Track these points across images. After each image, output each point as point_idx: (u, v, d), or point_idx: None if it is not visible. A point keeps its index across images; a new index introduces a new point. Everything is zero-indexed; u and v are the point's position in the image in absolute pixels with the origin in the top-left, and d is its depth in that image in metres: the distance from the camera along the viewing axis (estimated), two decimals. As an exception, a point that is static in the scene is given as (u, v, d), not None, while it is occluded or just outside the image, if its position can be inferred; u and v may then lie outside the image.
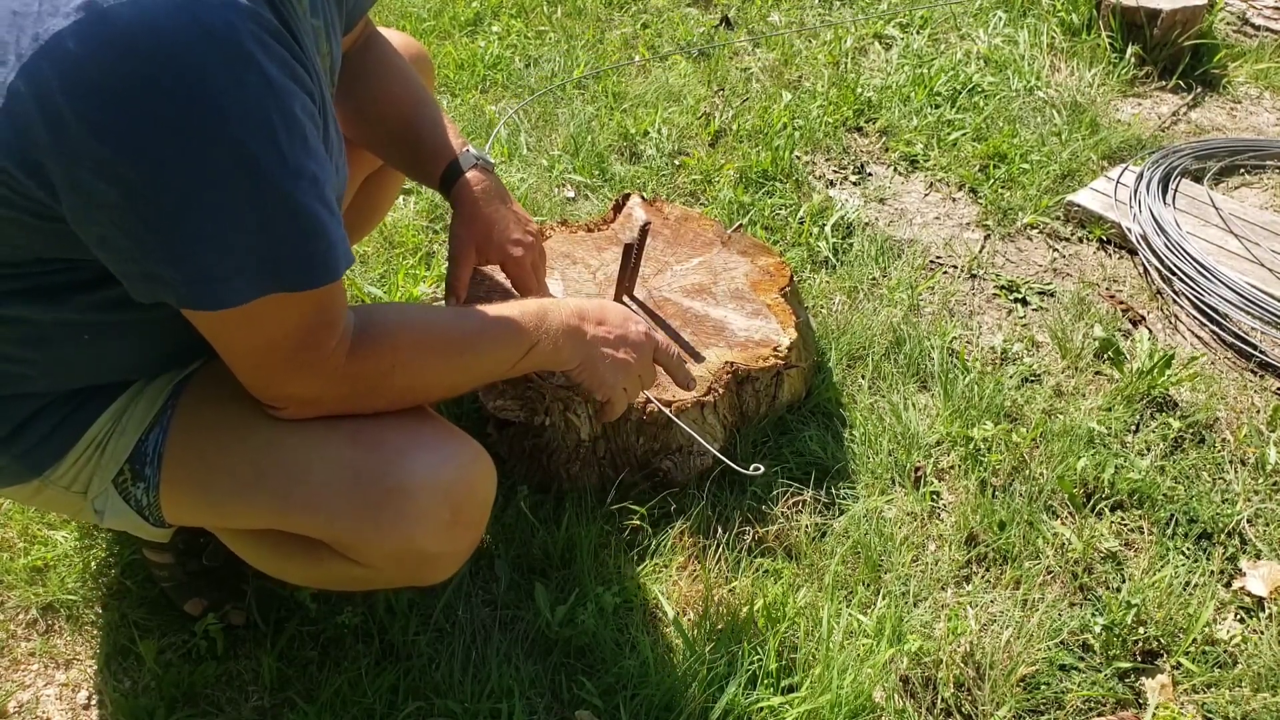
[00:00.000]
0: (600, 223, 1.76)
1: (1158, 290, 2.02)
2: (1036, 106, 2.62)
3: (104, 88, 0.72)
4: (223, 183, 0.76)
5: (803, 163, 2.39)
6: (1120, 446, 1.62)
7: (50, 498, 1.04)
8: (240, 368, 0.92)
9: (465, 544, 1.07)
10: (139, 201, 0.75)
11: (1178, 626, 1.34)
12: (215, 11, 0.73)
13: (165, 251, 0.78)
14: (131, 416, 1.02)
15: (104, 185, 0.75)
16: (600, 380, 1.17)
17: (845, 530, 1.45)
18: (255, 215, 0.79)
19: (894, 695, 1.25)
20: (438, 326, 1.05)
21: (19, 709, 1.23)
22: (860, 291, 1.95)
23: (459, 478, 1.02)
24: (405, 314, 1.05)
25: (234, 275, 0.80)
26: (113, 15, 0.71)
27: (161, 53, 0.72)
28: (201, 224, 0.77)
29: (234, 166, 0.76)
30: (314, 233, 0.83)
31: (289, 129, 0.79)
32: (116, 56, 0.71)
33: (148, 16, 0.71)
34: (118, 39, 0.71)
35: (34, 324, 0.91)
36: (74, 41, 0.71)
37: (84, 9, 0.71)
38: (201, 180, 0.76)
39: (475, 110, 2.59)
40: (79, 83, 0.72)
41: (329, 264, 0.85)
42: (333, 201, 0.86)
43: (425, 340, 1.02)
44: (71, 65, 0.71)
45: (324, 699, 1.21)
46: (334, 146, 0.96)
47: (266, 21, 0.77)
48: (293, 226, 0.81)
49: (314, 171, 0.82)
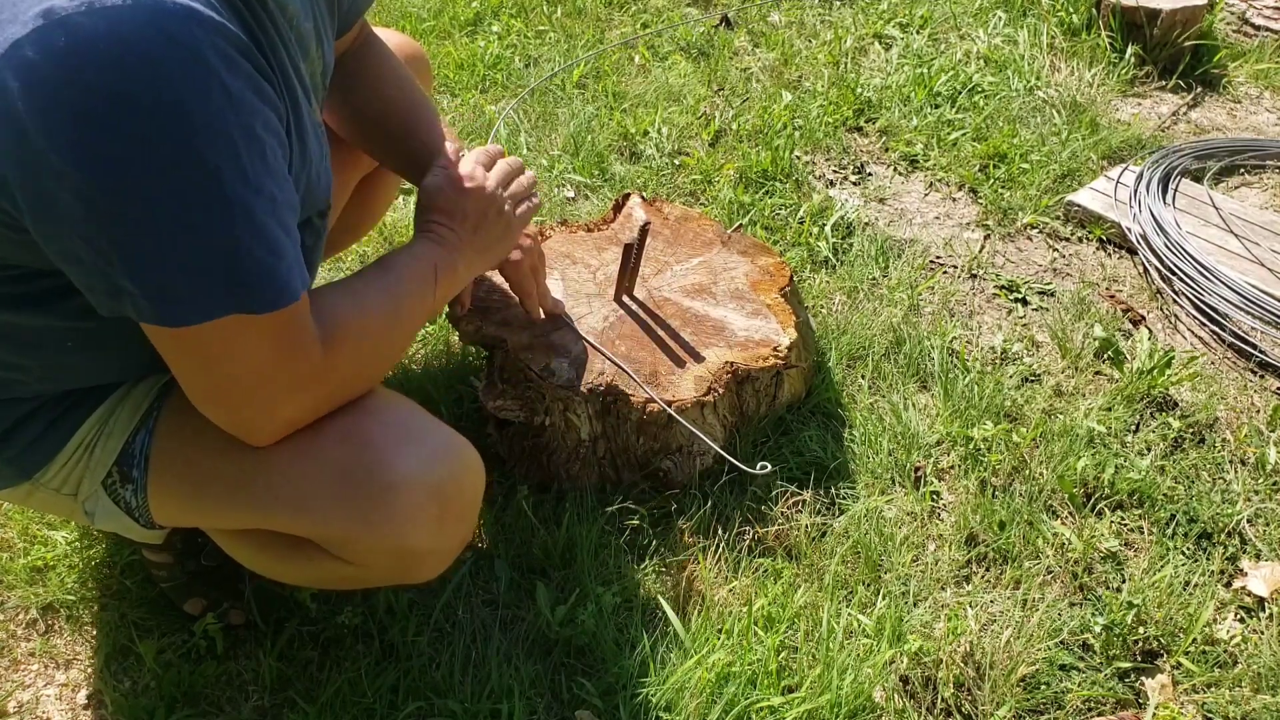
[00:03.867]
0: (600, 223, 1.76)
1: (1158, 290, 2.02)
2: (1036, 106, 2.62)
3: (64, 97, 0.70)
4: (183, 196, 0.75)
5: (803, 163, 2.39)
6: (1120, 446, 1.62)
7: (42, 500, 1.05)
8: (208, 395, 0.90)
9: (455, 540, 1.07)
10: (100, 213, 0.74)
11: (1178, 626, 1.34)
12: (178, 23, 0.72)
13: (125, 265, 0.77)
14: (118, 419, 1.02)
15: (66, 196, 0.73)
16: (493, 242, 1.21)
17: (845, 530, 1.45)
18: (213, 230, 0.77)
19: (894, 695, 1.25)
20: (372, 295, 1.03)
21: (19, 709, 1.23)
22: (860, 291, 1.95)
23: (447, 474, 1.01)
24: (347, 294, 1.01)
25: (195, 293, 0.79)
26: (72, 24, 0.69)
27: (124, 63, 0.70)
28: (161, 238, 0.76)
29: (195, 180, 0.75)
30: (272, 251, 0.81)
31: (249, 146, 0.78)
32: (77, 66, 0.70)
33: (109, 26, 0.70)
34: (79, 48, 0.70)
35: (23, 329, 0.91)
36: (33, 49, 0.70)
37: (43, 16, 0.69)
38: (162, 193, 0.74)
39: (475, 110, 2.59)
40: (39, 92, 0.70)
41: (288, 284, 0.83)
42: (291, 224, 0.85)
43: (376, 318, 1.01)
44: (31, 74, 0.70)
45: (324, 699, 1.21)
46: (313, 156, 0.95)
47: (231, 35, 0.76)
48: (251, 243, 0.80)
49: (273, 191, 0.81)
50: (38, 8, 0.70)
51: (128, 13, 0.70)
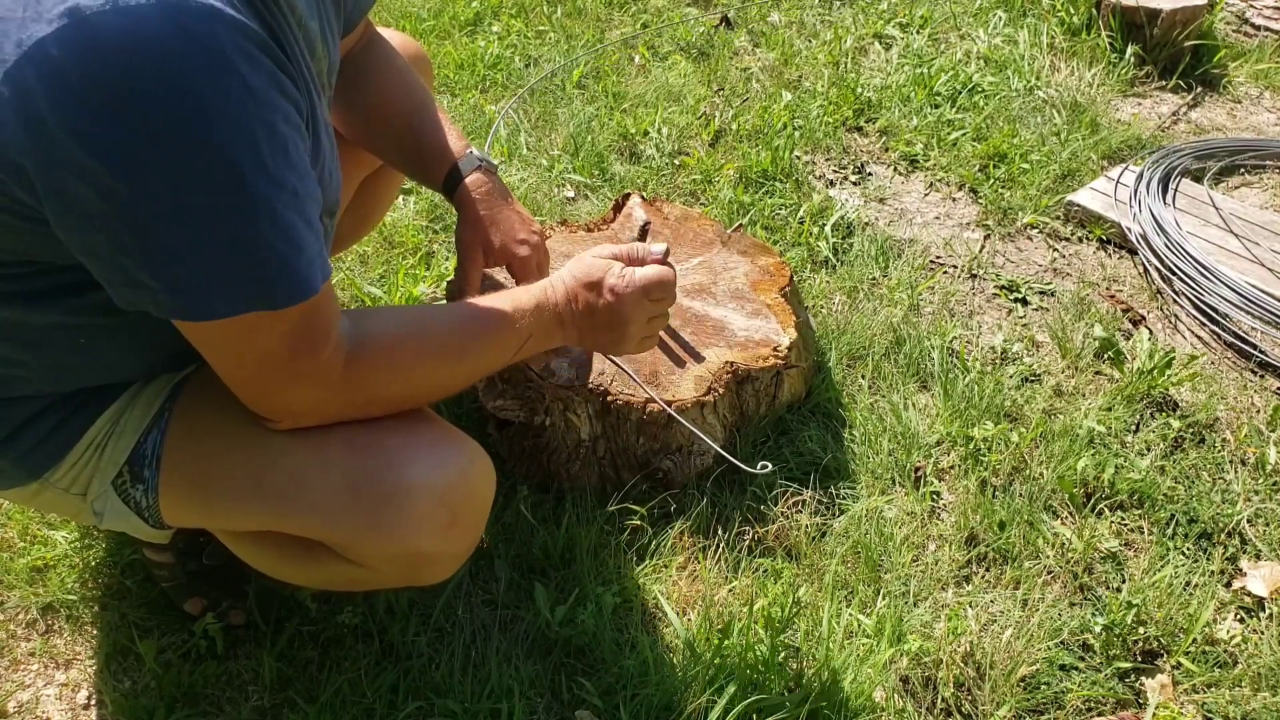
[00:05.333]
0: (600, 223, 1.76)
1: (1158, 290, 2.02)
2: (1036, 106, 2.62)
3: (88, 95, 0.71)
4: (204, 192, 0.76)
5: (803, 163, 2.39)
6: (1120, 446, 1.62)
7: (49, 500, 1.04)
8: (232, 379, 0.91)
9: (464, 545, 1.07)
10: (121, 208, 0.75)
11: (1178, 626, 1.34)
12: (200, 21, 0.72)
13: (146, 259, 0.78)
14: (129, 418, 1.02)
15: (87, 191, 0.74)
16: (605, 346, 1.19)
17: (845, 530, 1.45)
18: (235, 225, 0.78)
19: (894, 695, 1.25)
20: (433, 333, 1.04)
21: (19, 709, 1.23)
22: (860, 291, 1.95)
23: (457, 479, 1.02)
24: (401, 322, 1.04)
25: (215, 287, 0.80)
26: (96, 22, 0.70)
27: (147, 61, 0.71)
28: (182, 232, 0.77)
29: (216, 176, 0.76)
30: (293, 246, 0.82)
31: (271, 141, 0.78)
32: (101, 64, 0.71)
33: (132, 24, 0.71)
34: (102, 46, 0.70)
35: (29, 327, 0.91)
36: (57, 48, 0.70)
37: (67, 15, 0.70)
38: (184, 188, 0.75)
39: (475, 110, 2.59)
40: (63, 89, 0.71)
41: (308, 279, 0.84)
42: (313, 216, 0.85)
43: (422, 349, 1.02)
44: (55, 71, 0.71)
45: (324, 699, 1.21)
46: (325, 154, 0.95)
47: (252, 33, 0.76)
48: (272, 238, 0.80)
49: (294, 185, 0.82)
50: (61, 6, 0.71)
51: (151, 11, 0.71)
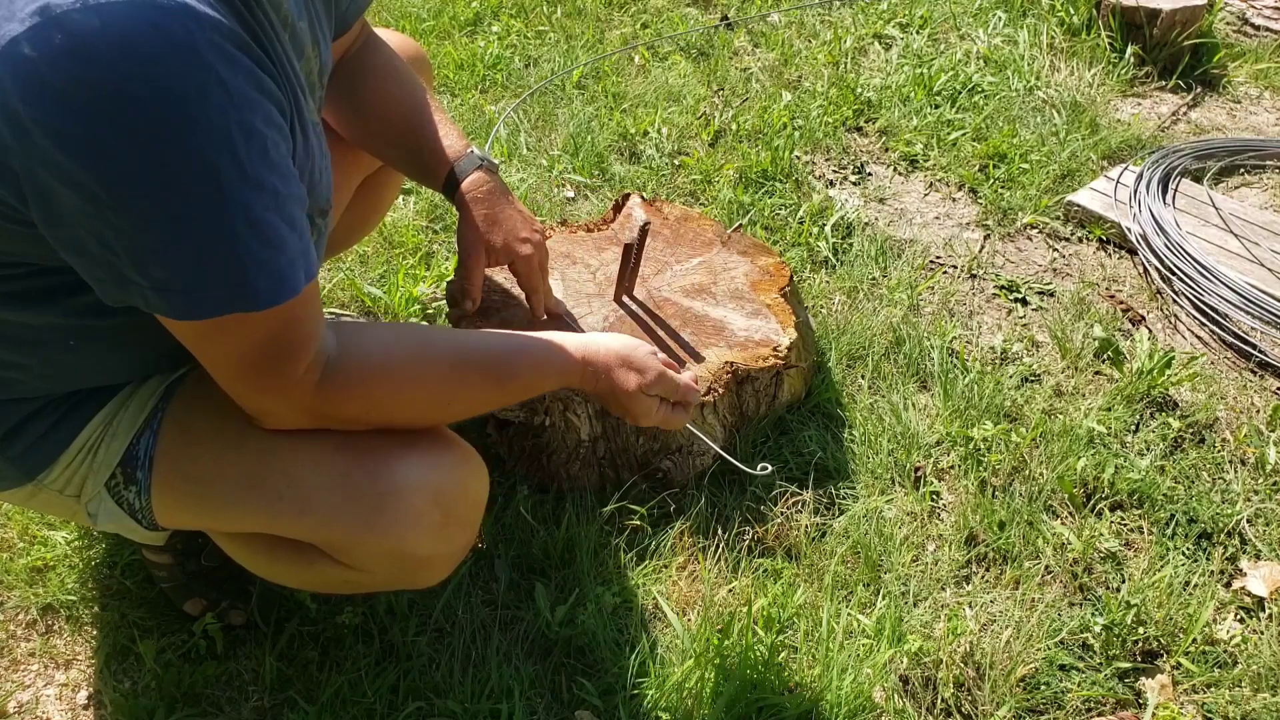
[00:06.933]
0: (600, 223, 1.76)
1: (1158, 290, 2.02)
2: (1036, 106, 2.62)
3: (65, 95, 0.70)
4: (180, 192, 0.75)
5: (803, 163, 2.39)
6: (1120, 446, 1.62)
7: (44, 501, 1.04)
8: (217, 376, 0.91)
9: (458, 546, 1.07)
10: (102, 207, 0.75)
11: (1178, 626, 1.34)
12: (173, 19, 0.72)
13: (130, 257, 0.77)
14: (122, 420, 1.02)
15: (69, 192, 0.74)
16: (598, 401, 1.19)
17: (845, 530, 1.45)
18: (211, 226, 0.77)
19: (894, 695, 1.25)
20: (424, 374, 1.01)
21: (19, 709, 1.23)
22: (860, 291, 1.95)
23: (450, 479, 1.01)
24: (390, 354, 0.99)
25: (196, 287, 0.79)
26: (69, 21, 0.69)
27: (120, 59, 0.70)
28: (161, 233, 0.76)
29: (191, 176, 0.75)
30: (271, 246, 0.81)
31: (248, 141, 0.78)
32: (77, 64, 0.70)
33: (106, 23, 0.69)
34: (76, 45, 0.69)
35: (23, 328, 0.91)
36: (29, 47, 0.69)
37: (39, 14, 0.69)
38: (159, 189, 0.75)
39: (475, 110, 2.59)
40: (38, 90, 0.70)
41: (289, 279, 0.83)
42: (296, 216, 0.84)
43: (405, 387, 0.99)
44: (29, 71, 0.70)
45: (324, 699, 1.21)
46: (314, 154, 0.95)
47: (228, 30, 0.76)
48: (249, 239, 0.79)
49: (274, 185, 0.81)
50: (34, 5, 0.70)
51: (124, 9, 0.70)
